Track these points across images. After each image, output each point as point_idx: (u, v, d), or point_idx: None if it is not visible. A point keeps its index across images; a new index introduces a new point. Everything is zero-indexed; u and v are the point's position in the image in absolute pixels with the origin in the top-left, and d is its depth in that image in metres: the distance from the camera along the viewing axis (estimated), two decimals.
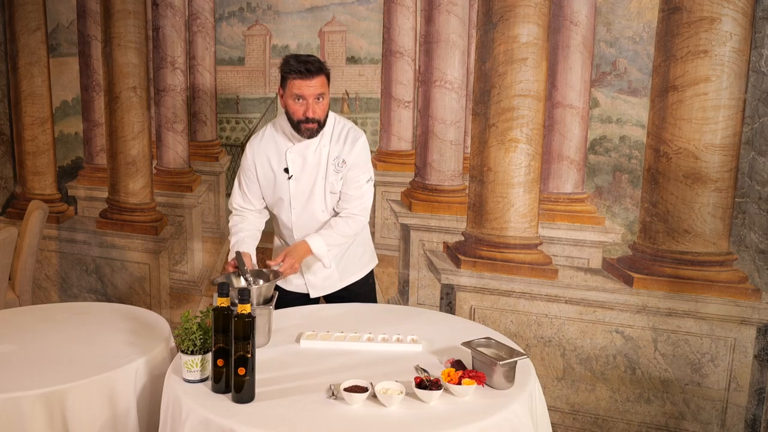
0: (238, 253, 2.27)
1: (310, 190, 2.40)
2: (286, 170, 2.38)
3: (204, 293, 3.74)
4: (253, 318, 1.66)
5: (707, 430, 2.81)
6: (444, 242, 3.15)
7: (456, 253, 3.13)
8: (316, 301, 2.61)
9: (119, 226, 3.89)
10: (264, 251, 3.55)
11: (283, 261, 2.26)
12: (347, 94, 3.25)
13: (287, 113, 2.30)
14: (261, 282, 2.16)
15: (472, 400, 1.69)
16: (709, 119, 2.64)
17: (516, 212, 2.99)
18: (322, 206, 2.42)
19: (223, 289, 1.73)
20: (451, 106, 3.05)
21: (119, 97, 3.74)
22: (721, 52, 2.58)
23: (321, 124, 2.30)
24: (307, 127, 2.26)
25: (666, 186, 2.74)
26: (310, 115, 2.23)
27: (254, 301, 2.04)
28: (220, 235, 3.65)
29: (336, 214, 2.44)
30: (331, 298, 2.59)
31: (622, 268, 2.86)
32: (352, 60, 3.22)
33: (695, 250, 2.73)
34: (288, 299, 2.52)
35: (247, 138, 3.51)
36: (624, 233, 2.84)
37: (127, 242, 3.88)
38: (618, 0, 2.73)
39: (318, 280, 2.52)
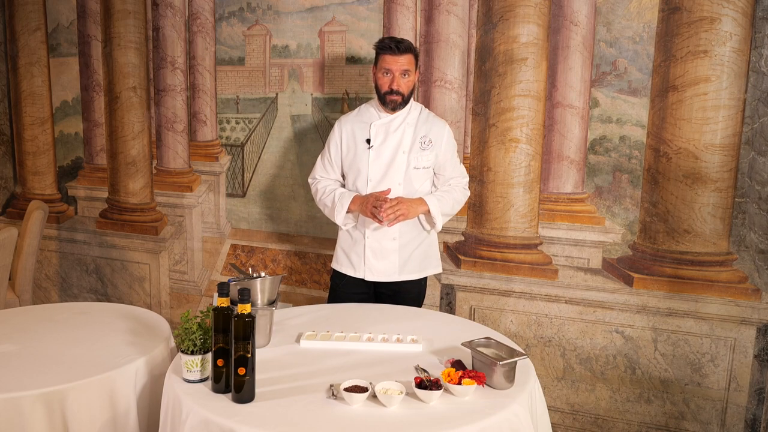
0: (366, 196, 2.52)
1: (389, 162, 2.56)
2: (368, 141, 2.58)
3: (204, 293, 3.74)
4: (253, 318, 1.66)
5: (707, 430, 2.81)
6: (444, 242, 3.15)
7: (456, 253, 3.13)
8: (370, 296, 2.69)
9: (119, 226, 3.89)
10: (265, 251, 3.55)
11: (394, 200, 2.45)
12: (347, 94, 3.25)
13: (376, 86, 2.56)
14: (263, 274, 2.15)
15: (472, 400, 1.69)
16: (709, 119, 2.64)
17: (516, 212, 2.99)
18: (400, 179, 2.56)
19: (223, 289, 1.73)
20: (451, 106, 3.05)
21: (119, 97, 3.74)
22: (721, 52, 2.58)
23: (404, 99, 2.53)
24: (391, 99, 2.51)
25: (666, 186, 2.74)
26: (395, 87, 2.49)
27: (258, 296, 2.04)
28: (220, 235, 3.65)
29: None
30: (381, 297, 2.68)
31: (622, 268, 2.86)
32: (352, 60, 3.22)
33: (695, 250, 2.73)
34: (342, 285, 2.68)
35: (247, 138, 3.52)
36: (624, 233, 2.84)
37: (127, 242, 3.88)
38: (618, 0, 2.73)
39: (379, 265, 2.61)
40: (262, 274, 2.12)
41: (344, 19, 3.20)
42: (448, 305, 3.17)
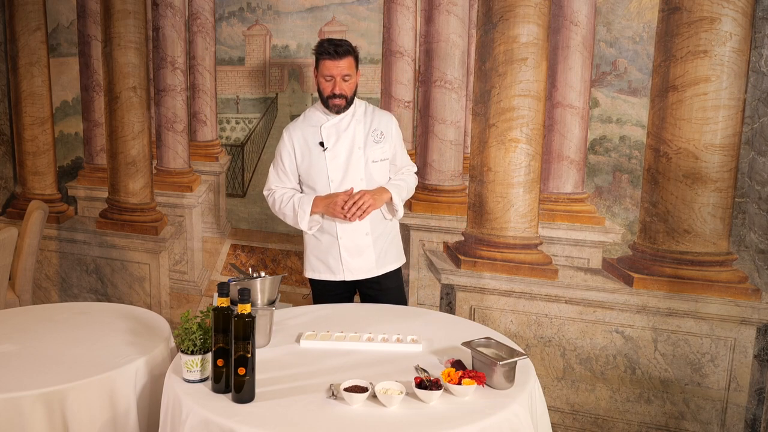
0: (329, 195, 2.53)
1: (347, 160, 2.57)
2: (322, 144, 2.57)
3: (204, 293, 3.74)
4: (253, 318, 1.66)
5: (707, 430, 2.81)
6: (444, 242, 3.15)
7: (456, 253, 3.13)
8: (351, 293, 2.71)
9: (119, 226, 3.89)
10: (265, 251, 3.55)
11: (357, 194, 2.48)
12: None
13: (319, 91, 2.56)
14: (264, 274, 2.15)
15: (472, 400, 1.69)
16: (709, 119, 2.64)
17: (516, 212, 2.99)
18: (361, 174, 2.57)
19: (223, 289, 1.73)
20: (451, 106, 3.05)
21: (119, 97, 3.74)
22: (721, 52, 2.58)
23: (348, 101, 2.54)
24: (334, 103, 2.52)
25: (666, 186, 2.74)
26: (337, 91, 2.49)
27: (258, 296, 2.05)
28: (220, 235, 3.65)
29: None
30: (364, 298, 2.69)
31: (622, 268, 2.86)
32: None
33: (695, 250, 2.73)
34: (325, 289, 2.67)
35: (247, 138, 3.52)
36: (624, 233, 2.84)
37: (127, 242, 3.88)
38: (618, 0, 2.73)
39: (356, 264, 2.61)
40: (262, 274, 2.13)
41: (344, 19, 3.20)
42: (448, 305, 3.17)
